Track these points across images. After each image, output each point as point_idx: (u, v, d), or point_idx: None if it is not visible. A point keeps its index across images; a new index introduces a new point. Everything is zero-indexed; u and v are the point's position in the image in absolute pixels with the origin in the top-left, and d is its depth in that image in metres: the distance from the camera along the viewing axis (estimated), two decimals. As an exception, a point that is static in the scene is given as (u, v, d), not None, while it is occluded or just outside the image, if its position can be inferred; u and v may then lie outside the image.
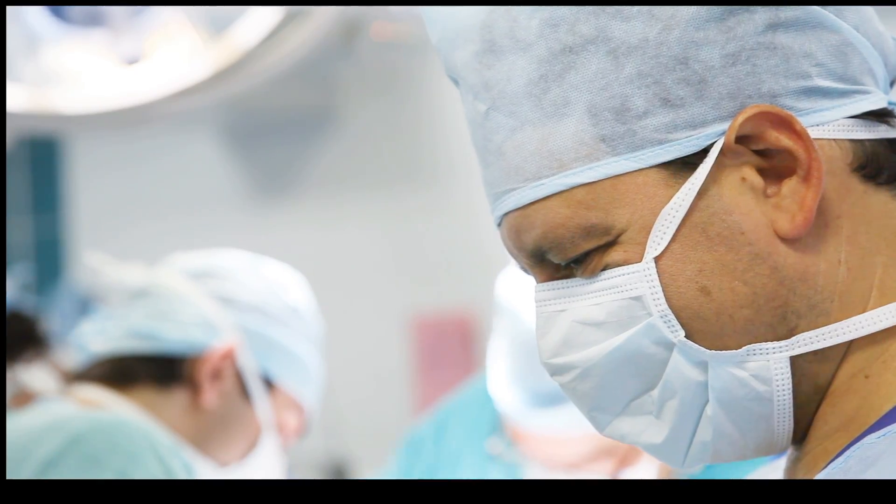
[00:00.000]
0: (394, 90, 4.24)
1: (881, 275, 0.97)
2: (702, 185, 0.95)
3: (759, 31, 0.96)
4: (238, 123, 4.57)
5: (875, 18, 1.01)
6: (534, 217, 0.99)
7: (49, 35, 3.95)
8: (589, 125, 0.96)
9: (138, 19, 3.94)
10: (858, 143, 0.97)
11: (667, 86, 0.96)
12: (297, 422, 2.01)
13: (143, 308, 1.93)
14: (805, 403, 0.98)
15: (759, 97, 0.95)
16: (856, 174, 0.97)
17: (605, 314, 0.98)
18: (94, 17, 3.97)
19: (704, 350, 0.97)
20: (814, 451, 0.98)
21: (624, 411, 1.01)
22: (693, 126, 0.96)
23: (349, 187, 4.37)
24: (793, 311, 0.96)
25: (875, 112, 0.98)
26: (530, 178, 0.98)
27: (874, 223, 0.97)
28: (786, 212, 0.95)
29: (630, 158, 0.96)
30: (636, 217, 0.96)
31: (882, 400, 0.95)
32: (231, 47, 3.82)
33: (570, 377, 1.01)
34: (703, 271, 0.96)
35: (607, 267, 0.97)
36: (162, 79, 3.88)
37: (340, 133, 4.39)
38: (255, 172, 4.57)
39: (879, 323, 0.96)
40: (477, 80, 1.01)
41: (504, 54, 0.99)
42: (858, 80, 0.98)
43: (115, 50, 3.96)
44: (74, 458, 1.62)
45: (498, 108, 1.00)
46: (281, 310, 1.99)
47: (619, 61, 0.96)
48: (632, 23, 0.96)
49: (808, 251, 0.96)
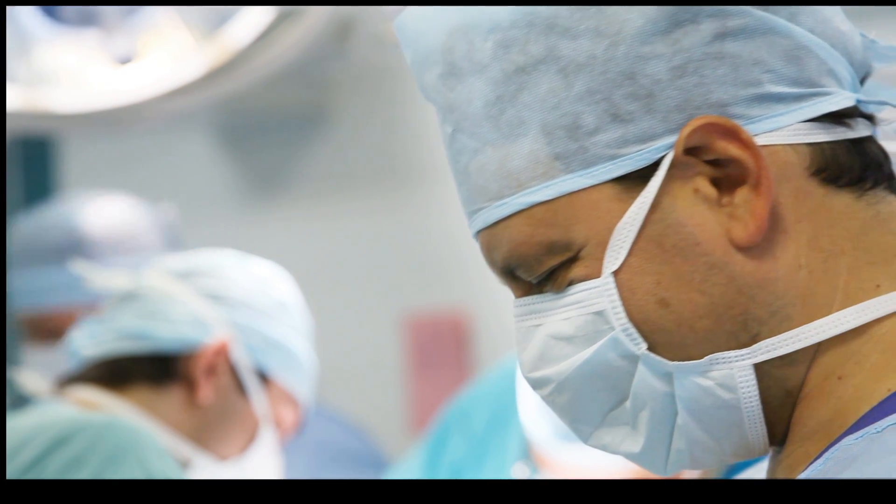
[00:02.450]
0: (387, 90, 4.24)
1: (846, 277, 0.97)
2: (655, 198, 0.96)
3: (706, 42, 0.96)
4: (231, 123, 4.56)
5: (836, 18, 1.01)
6: (500, 236, 1.01)
7: (42, 34, 3.95)
8: (543, 144, 0.98)
9: (131, 19, 3.93)
10: (816, 146, 0.98)
11: (616, 101, 0.96)
12: (293, 416, 2.02)
13: (132, 310, 1.94)
14: (778, 407, 0.98)
15: (709, 108, 0.96)
16: (815, 178, 0.97)
17: (573, 329, 1.00)
18: (86, 17, 3.96)
19: (667, 362, 0.97)
20: (794, 454, 0.98)
21: (602, 423, 1.02)
22: (643, 140, 0.96)
23: (342, 186, 4.37)
24: (754, 318, 0.96)
25: (835, 113, 0.98)
26: (493, 197, 1.00)
27: (837, 226, 0.97)
28: (739, 220, 0.96)
29: (584, 175, 0.97)
30: (593, 233, 0.98)
31: (859, 401, 0.95)
32: (224, 47, 3.82)
33: (547, 391, 1.03)
34: (660, 283, 0.97)
35: (572, 282, 0.99)
36: (154, 78, 3.88)
37: (333, 132, 4.39)
38: (248, 171, 4.57)
39: (842, 325, 0.96)
40: (443, 102, 1.03)
41: (464, 76, 1.01)
42: (816, 82, 0.98)
43: (108, 49, 3.95)
44: (57, 460, 1.62)
45: (461, 129, 1.02)
46: (270, 305, 2.00)
47: (568, 79, 0.97)
48: (579, 41, 0.97)
49: (766, 258, 0.96)
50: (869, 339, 0.96)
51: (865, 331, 0.96)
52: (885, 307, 0.96)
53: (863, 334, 0.96)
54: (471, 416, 2.28)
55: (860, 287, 0.97)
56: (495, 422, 2.24)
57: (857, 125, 1.00)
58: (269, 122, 4.47)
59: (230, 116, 4.51)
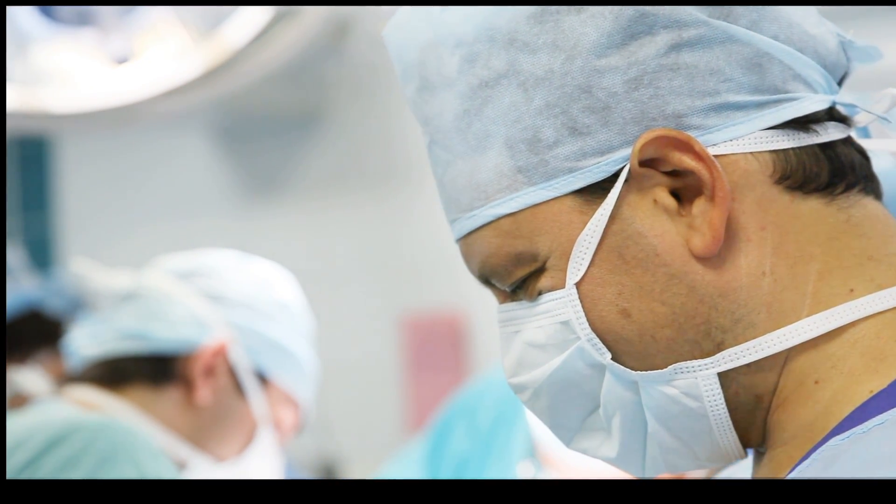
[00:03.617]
0: (384, 90, 4.24)
1: (815, 282, 0.97)
2: (614, 209, 0.97)
3: (661, 54, 0.96)
4: (228, 122, 4.56)
5: (807, 22, 1.01)
6: (473, 246, 1.02)
7: (38, 34, 3.94)
8: (507, 157, 0.99)
9: (128, 19, 3.93)
10: (781, 153, 0.97)
11: (573, 115, 0.97)
12: (293, 418, 2.02)
13: (132, 310, 1.94)
14: (748, 413, 0.99)
15: (664, 119, 0.96)
16: (779, 185, 0.97)
17: (545, 337, 1.01)
18: (83, 17, 3.96)
19: (631, 371, 0.98)
20: (777, 458, 0.98)
21: (581, 428, 1.04)
22: (601, 153, 0.97)
23: (339, 187, 4.37)
24: (716, 327, 0.97)
25: (802, 119, 0.98)
26: (465, 209, 1.02)
27: (805, 232, 0.97)
28: (698, 231, 0.96)
29: (545, 188, 0.98)
30: (556, 244, 0.98)
31: (841, 404, 0.95)
32: (220, 47, 3.82)
33: (526, 396, 1.04)
34: (622, 294, 0.97)
35: (541, 292, 1.00)
36: (151, 78, 3.88)
37: (330, 133, 4.39)
38: (244, 171, 4.56)
39: (807, 332, 0.96)
40: (420, 115, 1.05)
41: (436, 90, 1.02)
42: (781, 88, 0.98)
43: (105, 49, 3.95)
44: (52, 461, 1.62)
45: (436, 142, 1.03)
46: (270, 305, 2.00)
47: (528, 94, 0.98)
48: (538, 55, 0.98)
49: (727, 266, 0.96)
50: (845, 342, 0.96)
51: (841, 334, 0.96)
52: (856, 311, 0.95)
53: (838, 338, 0.96)
54: (476, 411, 2.28)
55: (831, 292, 0.96)
56: (501, 420, 2.24)
57: (827, 129, 0.99)
58: (265, 122, 4.47)
59: (227, 116, 4.51)
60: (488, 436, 2.26)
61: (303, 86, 4.33)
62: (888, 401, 0.92)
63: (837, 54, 1.02)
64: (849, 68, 1.03)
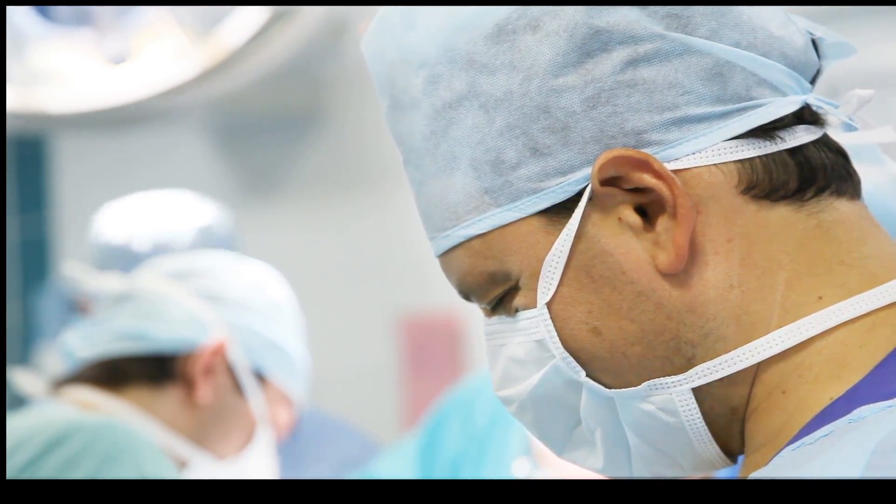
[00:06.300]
0: (381, 90, 4.24)
1: (784, 291, 0.96)
2: (580, 228, 0.97)
3: (618, 70, 0.96)
4: (225, 123, 4.56)
5: (772, 24, 0.99)
6: (450, 264, 1.03)
7: (35, 34, 3.94)
8: (473, 178, 0.99)
9: (125, 19, 3.93)
10: (746, 162, 0.96)
11: (534, 135, 0.97)
12: (287, 416, 2.03)
13: (128, 311, 1.95)
14: (726, 425, 0.99)
15: (624, 136, 0.95)
16: (745, 195, 0.96)
17: (524, 353, 1.01)
18: (80, 17, 3.96)
19: (604, 389, 0.99)
20: (747, 467, 0.99)
21: (569, 440, 1.05)
22: (563, 173, 0.96)
23: (336, 186, 4.37)
24: (686, 342, 0.96)
25: (768, 126, 0.96)
26: (439, 228, 1.02)
27: (773, 241, 0.96)
28: (663, 248, 0.96)
29: (511, 209, 0.98)
30: (525, 264, 0.99)
31: (802, 412, 0.95)
32: (218, 47, 3.82)
33: (513, 409, 1.05)
34: (591, 312, 0.97)
35: (517, 310, 1.01)
36: (148, 78, 3.88)
37: (327, 133, 4.39)
38: (242, 171, 4.56)
39: (777, 346, 0.96)
40: (394, 132, 1.04)
41: (406, 110, 1.02)
42: (745, 95, 0.96)
43: (102, 49, 3.95)
44: (52, 462, 1.63)
45: (409, 160, 1.03)
46: (264, 305, 2.01)
47: (490, 115, 0.98)
48: (496, 76, 0.97)
49: (694, 281, 0.96)
50: (811, 351, 0.95)
51: (808, 344, 0.95)
52: (825, 321, 0.95)
53: (806, 347, 0.95)
54: (472, 408, 2.28)
55: (799, 300, 0.96)
56: (497, 417, 2.24)
57: (796, 133, 0.98)
58: (262, 122, 4.47)
59: (224, 116, 4.51)
60: (484, 433, 2.27)
61: (300, 86, 4.33)
62: (845, 407, 0.92)
63: (807, 53, 1.00)
64: (821, 66, 1.02)
